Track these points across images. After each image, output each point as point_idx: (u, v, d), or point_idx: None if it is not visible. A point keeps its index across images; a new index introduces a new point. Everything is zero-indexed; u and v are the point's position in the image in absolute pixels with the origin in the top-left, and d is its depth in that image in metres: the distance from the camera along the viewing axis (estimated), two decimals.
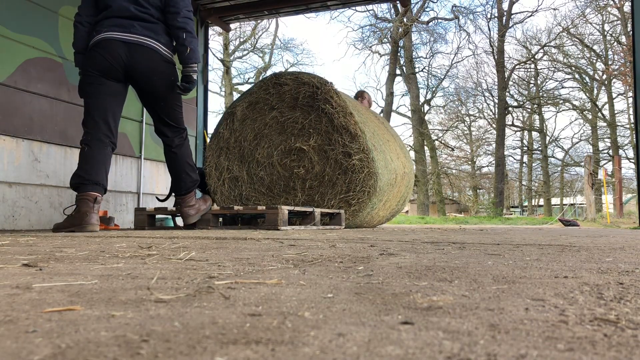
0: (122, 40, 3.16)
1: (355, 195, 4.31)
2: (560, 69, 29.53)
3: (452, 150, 32.80)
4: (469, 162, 33.93)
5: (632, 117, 23.16)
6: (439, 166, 29.36)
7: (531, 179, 35.18)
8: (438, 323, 0.58)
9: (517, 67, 29.58)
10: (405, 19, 24.01)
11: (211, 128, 8.04)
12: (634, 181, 14.46)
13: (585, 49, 27.90)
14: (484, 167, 34.75)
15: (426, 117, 29.32)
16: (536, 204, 37.78)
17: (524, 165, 34.84)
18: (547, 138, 31.67)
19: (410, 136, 28.32)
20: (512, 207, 37.18)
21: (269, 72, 24.20)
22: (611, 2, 25.70)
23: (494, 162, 27.79)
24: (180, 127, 3.49)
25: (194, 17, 3.69)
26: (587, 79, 28.81)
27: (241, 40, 27.79)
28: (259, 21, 24.71)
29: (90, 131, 3.15)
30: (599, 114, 28.31)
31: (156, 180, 5.74)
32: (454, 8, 28.52)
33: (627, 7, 22.81)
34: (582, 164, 19.02)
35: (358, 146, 4.27)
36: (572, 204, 26.39)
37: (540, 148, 31.97)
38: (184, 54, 3.32)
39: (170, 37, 3.36)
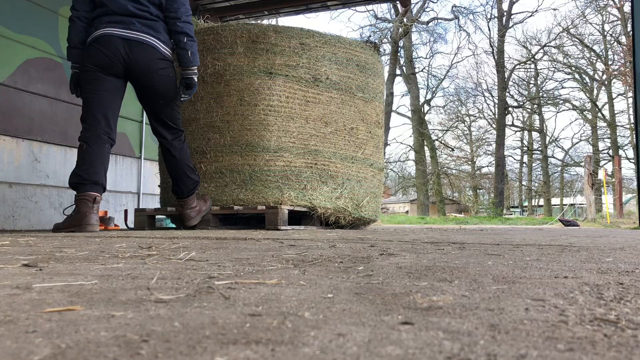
0: (122, 36, 3.16)
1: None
2: (560, 69, 29.56)
3: (452, 150, 32.80)
4: (469, 162, 33.92)
5: (632, 117, 23.14)
6: (439, 166, 29.35)
7: (531, 179, 35.17)
8: (438, 323, 0.58)
9: (517, 67, 29.61)
10: (405, 19, 23.98)
11: None
12: (634, 181, 14.46)
13: (585, 49, 27.92)
14: (484, 167, 34.76)
15: (426, 117, 29.36)
16: (536, 204, 37.77)
17: (524, 165, 34.84)
18: (547, 138, 31.68)
19: (410, 136, 28.38)
20: (512, 207, 37.15)
21: None
22: (611, 2, 25.71)
23: (494, 162, 27.80)
24: (179, 129, 3.47)
25: (193, 17, 3.69)
26: (587, 79, 28.83)
27: None
28: (259, 21, 24.69)
29: (89, 127, 3.15)
30: (599, 114, 28.31)
31: (156, 180, 5.74)
32: (454, 8, 28.54)
33: (627, 7, 22.80)
34: (582, 164, 19.00)
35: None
36: (572, 204, 26.36)
37: (540, 148, 31.97)
38: (184, 57, 3.32)
39: (169, 35, 3.36)
